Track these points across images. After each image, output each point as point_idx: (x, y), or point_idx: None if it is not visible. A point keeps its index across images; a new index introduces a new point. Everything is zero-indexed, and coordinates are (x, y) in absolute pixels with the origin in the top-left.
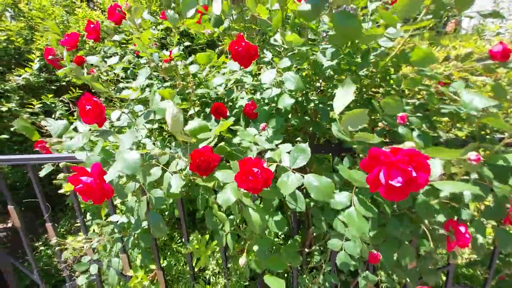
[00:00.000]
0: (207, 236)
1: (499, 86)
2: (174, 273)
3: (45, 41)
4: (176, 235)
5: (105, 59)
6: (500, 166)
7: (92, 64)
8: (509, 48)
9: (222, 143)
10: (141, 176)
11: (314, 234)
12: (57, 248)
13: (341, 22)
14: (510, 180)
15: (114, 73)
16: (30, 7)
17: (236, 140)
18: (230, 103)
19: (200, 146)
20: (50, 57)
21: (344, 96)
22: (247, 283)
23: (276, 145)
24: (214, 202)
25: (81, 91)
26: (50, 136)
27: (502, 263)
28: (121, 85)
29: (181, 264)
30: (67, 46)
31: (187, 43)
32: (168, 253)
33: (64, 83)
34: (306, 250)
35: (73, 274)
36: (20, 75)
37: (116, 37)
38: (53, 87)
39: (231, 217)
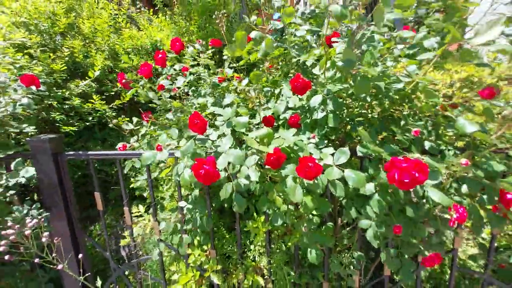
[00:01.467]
0: (262, 217)
1: (488, 109)
2: (222, 254)
3: (100, 56)
4: (220, 224)
5: (174, 81)
6: (490, 169)
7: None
8: (494, 91)
9: (284, 145)
10: (230, 167)
11: (343, 222)
12: (127, 229)
13: (361, 83)
14: (497, 179)
15: (183, 91)
16: (88, 28)
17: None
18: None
19: (265, 148)
20: (123, 81)
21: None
22: (288, 260)
23: (320, 149)
24: (274, 190)
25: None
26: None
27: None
28: (194, 101)
29: (228, 247)
30: (143, 75)
31: (233, 65)
32: (216, 238)
33: (112, 93)
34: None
35: (136, 254)
36: (77, 85)
37: (176, 67)
38: (103, 96)
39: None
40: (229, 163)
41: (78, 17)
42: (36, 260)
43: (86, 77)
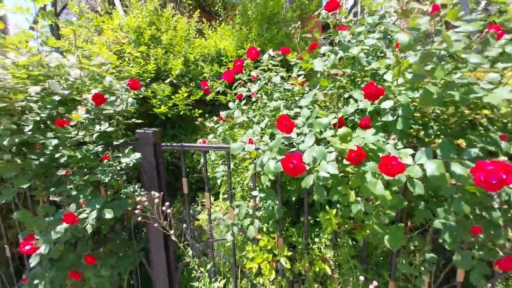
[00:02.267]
0: (334, 210)
1: None
2: (288, 243)
3: (179, 60)
4: (285, 216)
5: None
6: None
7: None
8: None
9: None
10: (311, 161)
11: (413, 224)
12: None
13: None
14: None
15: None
16: (166, 39)
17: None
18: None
19: (348, 146)
20: (206, 87)
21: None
22: (354, 254)
23: (398, 149)
24: (347, 184)
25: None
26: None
27: None
28: (269, 104)
29: (293, 238)
30: (226, 80)
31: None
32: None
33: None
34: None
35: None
36: (159, 86)
37: (253, 73)
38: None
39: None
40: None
41: (158, 30)
42: (156, 225)
43: (164, 82)
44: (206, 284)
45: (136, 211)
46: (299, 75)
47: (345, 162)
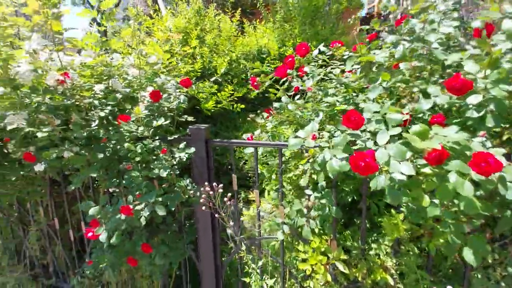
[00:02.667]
0: (401, 215)
1: None
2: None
3: (224, 59)
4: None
5: (304, 81)
6: None
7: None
8: None
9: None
10: (384, 161)
11: (492, 235)
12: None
13: None
14: None
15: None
16: (209, 39)
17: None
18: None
19: (431, 144)
20: (255, 83)
21: None
22: (420, 264)
23: (487, 148)
24: (421, 187)
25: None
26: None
27: None
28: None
29: (349, 241)
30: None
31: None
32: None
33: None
34: None
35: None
36: (204, 85)
37: (306, 68)
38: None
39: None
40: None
41: (202, 30)
42: (216, 215)
43: (209, 80)
44: (257, 280)
45: (201, 200)
46: (351, 70)
47: (419, 162)
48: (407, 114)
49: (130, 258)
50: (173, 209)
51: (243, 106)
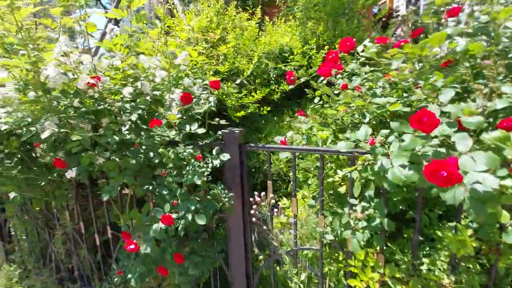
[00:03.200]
0: (469, 230)
1: None
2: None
3: (249, 62)
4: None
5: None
6: None
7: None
8: None
9: None
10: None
11: None
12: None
13: None
14: None
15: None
16: (232, 38)
17: None
18: None
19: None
20: (291, 78)
21: None
22: (485, 284)
23: None
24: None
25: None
26: None
27: None
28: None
29: (397, 254)
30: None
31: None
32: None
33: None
34: None
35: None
36: (230, 85)
37: (353, 65)
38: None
39: None
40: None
41: (223, 29)
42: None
43: (233, 81)
44: None
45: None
46: (397, 68)
47: (500, 172)
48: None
49: (160, 268)
50: (209, 218)
51: (268, 108)
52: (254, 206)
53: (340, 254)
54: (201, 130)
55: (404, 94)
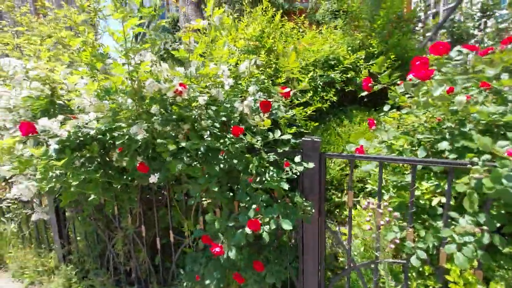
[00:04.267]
0: None
1: None
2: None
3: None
4: None
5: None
6: None
7: None
8: None
9: None
10: None
11: None
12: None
13: None
14: None
15: None
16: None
17: None
18: None
19: None
20: (370, 84)
21: None
22: None
23: None
24: None
25: None
26: None
27: None
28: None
29: (501, 271)
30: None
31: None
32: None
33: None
34: None
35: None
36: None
37: (447, 69)
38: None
39: None
40: None
41: (272, 38)
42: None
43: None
44: None
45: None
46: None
47: None
48: None
49: (237, 274)
50: (293, 225)
51: (316, 124)
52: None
53: (427, 269)
54: (287, 137)
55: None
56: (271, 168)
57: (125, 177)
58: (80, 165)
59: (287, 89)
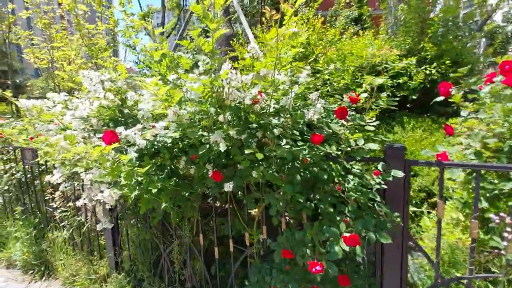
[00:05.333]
0: None
1: None
2: None
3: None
4: None
5: None
6: None
7: None
8: None
9: None
10: None
11: None
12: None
13: None
14: None
15: None
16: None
17: None
18: None
19: None
20: (450, 89)
21: None
22: None
23: None
24: None
25: None
26: None
27: None
28: None
29: None
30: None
31: None
32: None
33: None
34: None
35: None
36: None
37: None
38: None
39: None
40: None
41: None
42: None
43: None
44: None
45: None
46: None
47: None
48: None
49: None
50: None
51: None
52: None
53: None
54: (373, 146)
55: None
56: (350, 177)
57: (196, 186)
58: (154, 173)
59: (356, 93)
